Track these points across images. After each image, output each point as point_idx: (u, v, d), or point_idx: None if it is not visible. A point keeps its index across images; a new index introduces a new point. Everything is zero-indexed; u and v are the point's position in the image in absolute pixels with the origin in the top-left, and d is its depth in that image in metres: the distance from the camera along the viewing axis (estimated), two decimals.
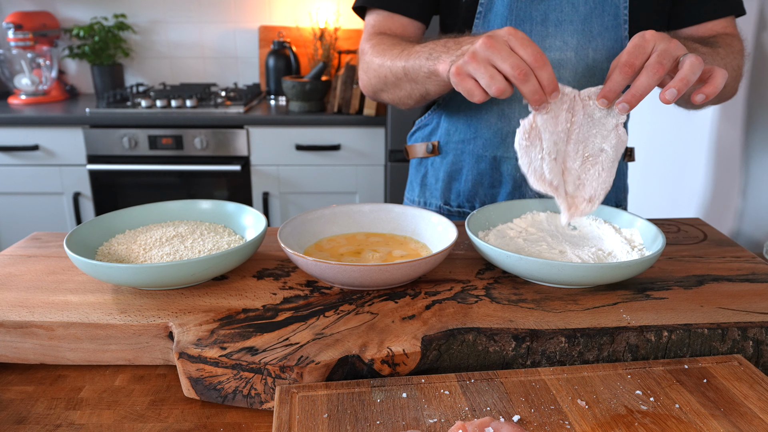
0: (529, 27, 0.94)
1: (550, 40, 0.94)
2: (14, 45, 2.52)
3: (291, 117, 2.28)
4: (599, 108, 0.72)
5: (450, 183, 1.07)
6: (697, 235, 0.90)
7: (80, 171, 2.32)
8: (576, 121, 0.73)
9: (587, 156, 0.74)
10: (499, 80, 0.68)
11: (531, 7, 0.93)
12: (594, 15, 0.93)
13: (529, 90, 0.68)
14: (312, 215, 0.84)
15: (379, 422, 0.50)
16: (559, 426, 0.50)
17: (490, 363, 0.62)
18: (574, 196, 0.75)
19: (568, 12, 0.93)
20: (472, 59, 0.69)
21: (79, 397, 0.61)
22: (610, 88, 0.70)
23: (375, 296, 0.70)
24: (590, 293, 0.71)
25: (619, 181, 1.09)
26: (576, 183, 0.75)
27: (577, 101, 0.73)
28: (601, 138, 0.74)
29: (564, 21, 0.93)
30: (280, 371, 0.57)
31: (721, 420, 0.51)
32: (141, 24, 2.70)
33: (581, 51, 0.94)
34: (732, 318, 0.65)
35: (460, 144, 1.04)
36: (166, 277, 0.67)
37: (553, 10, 0.93)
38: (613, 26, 0.94)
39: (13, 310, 0.66)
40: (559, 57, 0.94)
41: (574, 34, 0.94)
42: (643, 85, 0.68)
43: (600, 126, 0.73)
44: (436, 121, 1.07)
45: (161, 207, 0.86)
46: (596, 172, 0.74)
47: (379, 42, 0.96)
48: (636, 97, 0.69)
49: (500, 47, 0.68)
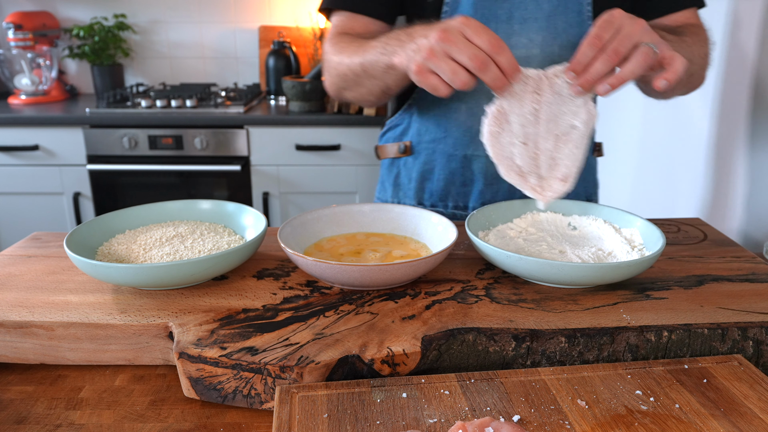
0: (494, 25, 0.95)
1: (515, 37, 0.95)
2: (14, 45, 2.52)
3: (291, 117, 2.28)
4: (568, 84, 0.72)
5: (423, 183, 1.07)
6: (697, 235, 0.90)
7: (80, 171, 2.32)
8: (544, 100, 0.72)
9: (559, 135, 0.73)
10: (461, 73, 0.67)
11: (496, 6, 0.94)
12: (558, 12, 0.95)
13: (490, 78, 0.68)
14: (312, 215, 0.84)
15: (379, 422, 0.50)
16: (559, 426, 0.50)
17: (490, 363, 0.62)
18: (548, 178, 0.75)
19: (532, 10, 0.94)
20: (430, 55, 0.68)
21: (79, 397, 0.61)
22: (578, 60, 0.69)
23: (375, 296, 0.70)
24: (590, 293, 0.71)
25: (589, 175, 1.10)
26: (550, 163, 0.74)
27: (543, 80, 0.72)
28: (571, 114, 0.73)
29: (529, 19, 0.95)
30: (280, 371, 0.57)
31: (721, 420, 0.51)
32: (141, 24, 2.70)
33: (547, 48, 0.95)
34: (732, 318, 0.65)
35: (431, 144, 1.05)
36: (166, 277, 0.67)
37: (518, 8, 0.94)
38: (577, 23, 0.95)
39: (13, 310, 0.66)
40: (526, 54, 0.95)
41: (539, 32, 0.95)
42: (597, 70, 0.68)
43: (569, 102, 0.72)
44: (407, 122, 1.08)
45: (161, 207, 0.86)
46: (569, 150, 0.73)
47: (339, 41, 0.97)
48: (589, 81, 0.69)
49: (455, 39, 0.67)
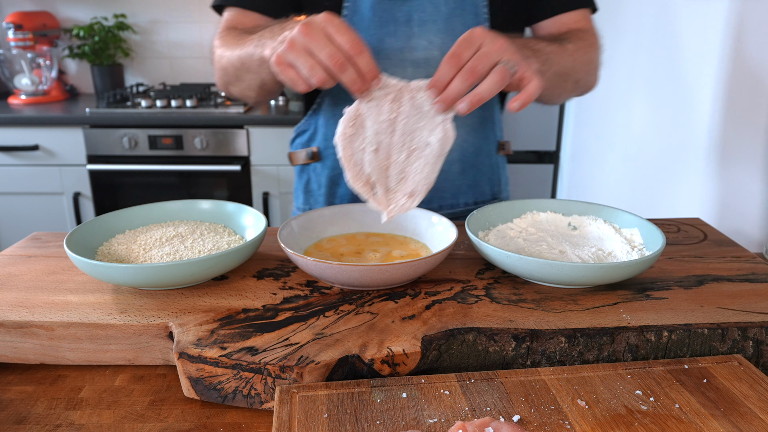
0: (393, 28, 0.95)
1: (415, 39, 0.95)
2: (14, 45, 2.52)
3: (291, 117, 2.28)
4: (429, 100, 0.71)
5: (333, 188, 1.07)
6: (697, 235, 0.90)
7: (80, 171, 2.32)
8: (403, 111, 0.71)
9: (413, 149, 0.72)
10: (319, 71, 0.66)
11: (394, 9, 0.94)
12: (455, 14, 0.95)
13: (348, 79, 0.67)
14: (312, 215, 0.84)
15: (379, 422, 0.50)
16: (559, 426, 0.50)
17: (490, 363, 0.62)
18: (396, 191, 0.73)
19: (430, 12, 0.95)
20: (291, 48, 0.67)
21: (79, 397, 0.61)
22: (437, 78, 0.69)
23: (375, 296, 0.70)
24: (590, 293, 0.71)
25: (493, 174, 1.09)
26: (399, 177, 0.73)
27: (405, 92, 0.71)
28: (428, 131, 0.72)
29: (427, 21, 0.95)
30: (280, 371, 0.57)
31: (721, 420, 0.51)
32: (141, 24, 2.70)
33: (447, 49, 0.93)
34: (732, 318, 0.65)
35: None
36: (166, 277, 0.67)
37: (416, 10, 0.95)
38: (474, 24, 0.95)
39: (13, 310, 0.66)
40: (426, 56, 0.96)
41: (438, 34, 0.95)
42: (455, 88, 0.68)
43: (428, 119, 0.71)
44: (314, 127, 1.07)
45: (161, 207, 0.86)
46: (420, 165, 0.72)
47: (225, 35, 0.96)
48: (447, 99, 0.68)
49: (316, 35, 0.66)
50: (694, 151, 1.39)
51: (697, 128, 1.37)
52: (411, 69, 0.97)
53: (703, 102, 1.34)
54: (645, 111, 1.68)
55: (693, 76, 1.40)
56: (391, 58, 0.96)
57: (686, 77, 1.43)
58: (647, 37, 1.66)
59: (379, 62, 0.93)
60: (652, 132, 1.63)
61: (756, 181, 1.17)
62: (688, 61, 1.43)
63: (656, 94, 1.61)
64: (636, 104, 1.74)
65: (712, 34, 1.31)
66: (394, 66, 0.97)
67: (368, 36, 0.95)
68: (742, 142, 1.22)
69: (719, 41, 1.28)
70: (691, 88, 1.41)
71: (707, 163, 1.33)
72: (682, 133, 1.46)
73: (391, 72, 0.93)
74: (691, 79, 1.40)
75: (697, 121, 1.37)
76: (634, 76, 1.74)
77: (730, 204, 1.25)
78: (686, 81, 1.43)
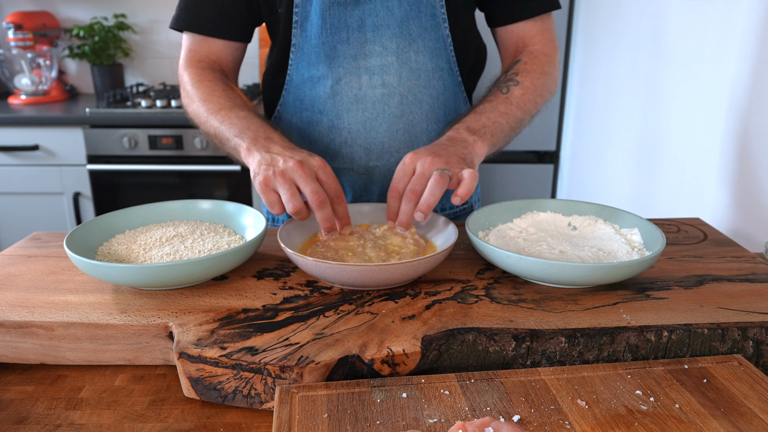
0: (345, 34, 0.93)
1: (369, 45, 0.93)
2: (14, 45, 2.52)
3: None
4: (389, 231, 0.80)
5: None
6: (697, 235, 0.90)
7: (80, 171, 2.32)
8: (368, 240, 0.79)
9: (387, 254, 0.78)
10: (298, 200, 0.73)
11: (345, 14, 0.92)
12: (411, 17, 0.93)
13: (322, 216, 0.74)
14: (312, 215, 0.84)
15: (379, 422, 0.50)
16: (559, 426, 0.50)
17: (490, 363, 0.62)
18: None
19: (384, 16, 0.92)
20: (280, 176, 0.74)
21: (79, 397, 0.61)
22: (389, 211, 0.79)
23: (375, 296, 0.70)
24: (590, 293, 0.71)
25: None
26: None
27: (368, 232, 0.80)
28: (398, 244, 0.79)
29: (381, 25, 0.92)
30: (280, 371, 0.57)
31: (721, 420, 0.51)
32: (141, 24, 2.70)
33: (402, 54, 0.93)
34: (732, 318, 0.65)
35: None
36: (166, 277, 0.67)
37: (369, 15, 0.92)
38: (432, 26, 0.93)
39: (13, 310, 0.66)
40: (381, 62, 0.94)
41: (392, 38, 0.93)
42: (405, 211, 0.76)
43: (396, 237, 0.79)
44: None
45: (161, 207, 0.86)
46: None
47: (199, 78, 0.95)
48: (404, 222, 0.77)
49: (307, 174, 0.74)
50: (694, 151, 1.39)
51: (696, 128, 1.37)
52: (366, 77, 0.94)
53: (703, 102, 1.34)
54: (645, 111, 1.68)
55: (693, 76, 1.40)
56: (345, 65, 0.94)
57: (686, 77, 1.43)
58: (647, 37, 1.66)
59: (332, 70, 0.95)
60: (652, 132, 1.63)
61: (756, 180, 1.17)
62: (689, 61, 1.43)
63: (656, 94, 1.61)
64: (636, 104, 1.74)
65: (712, 34, 1.31)
66: (348, 74, 0.94)
67: (320, 43, 0.93)
68: (742, 141, 1.22)
69: (719, 41, 1.28)
70: (691, 88, 1.41)
71: (707, 163, 1.33)
72: (682, 133, 1.46)
73: (345, 80, 0.94)
74: (691, 79, 1.41)
75: (697, 121, 1.37)
76: (634, 76, 1.75)
77: (730, 204, 1.25)
78: (686, 81, 1.43)
